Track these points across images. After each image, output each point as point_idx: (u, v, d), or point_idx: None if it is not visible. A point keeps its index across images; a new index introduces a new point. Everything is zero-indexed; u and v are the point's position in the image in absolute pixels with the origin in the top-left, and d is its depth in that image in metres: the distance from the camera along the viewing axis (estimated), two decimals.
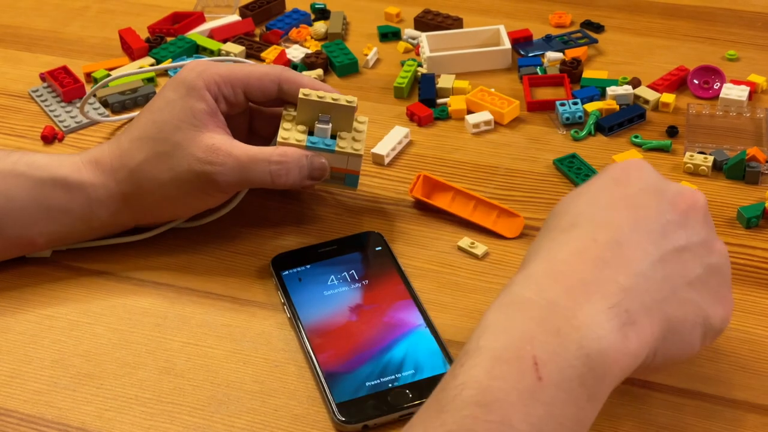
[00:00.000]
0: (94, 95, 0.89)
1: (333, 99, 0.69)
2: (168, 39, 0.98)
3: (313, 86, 0.70)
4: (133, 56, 0.96)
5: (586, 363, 0.47)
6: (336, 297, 0.67)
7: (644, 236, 0.51)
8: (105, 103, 0.89)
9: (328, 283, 0.68)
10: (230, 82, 0.69)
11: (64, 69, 0.92)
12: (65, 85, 0.89)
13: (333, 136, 0.70)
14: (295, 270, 0.68)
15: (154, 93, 0.89)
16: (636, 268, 0.50)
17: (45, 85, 0.92)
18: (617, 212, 0.52)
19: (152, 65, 0.94)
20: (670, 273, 0.51)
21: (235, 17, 1.02)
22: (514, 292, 0.50)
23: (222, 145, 0.67)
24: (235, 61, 0.80)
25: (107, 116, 0.87)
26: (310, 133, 0.70)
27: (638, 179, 0.54)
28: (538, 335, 0.47)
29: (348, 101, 0.69)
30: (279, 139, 0.69)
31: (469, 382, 0.46)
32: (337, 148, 0.70)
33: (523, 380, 0.45)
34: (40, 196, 0.68)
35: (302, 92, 0.69)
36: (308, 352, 0.62)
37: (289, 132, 0.70)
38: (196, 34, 0.98)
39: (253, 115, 0.75)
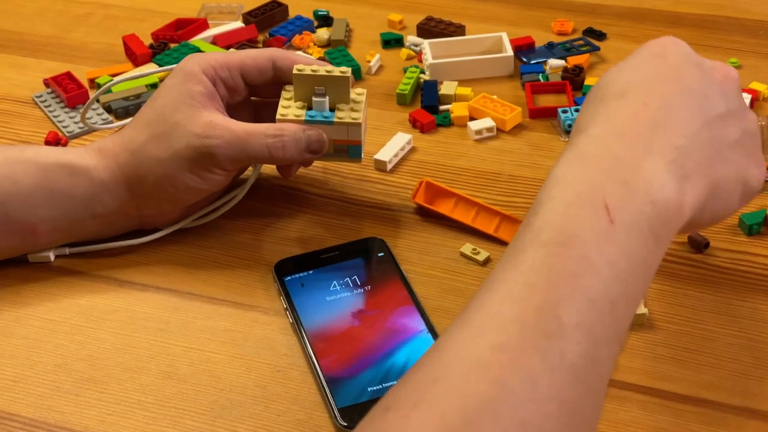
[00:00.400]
0: (98, 100, 0.89)
1: (327, 71, 0.70)
2: (171, 45, 0.98)
3: (306, 63, 0.71)
4: (137, 62, 0.96)
5: (653, 209, 0.50)
6: (338, 302, 0.67)
7: (690, 102, 0.55)
8: (108, 109, 0.89)
9: (331, 288, 0.68)
10: (226, 66, 0.71)
11: (68, 75, 0.92)
12: (69, 91, 0.89)
13: (332, 110, 0.71)
14: (297, 275, 0.69)
15: None
16: (686, 131, 0.54)
17: (49, 90, 0.92)
18: (663, 81, 0.55)
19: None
20: (715, 135, 0.55)
21: (239, 24, 1.02)
22: (580, 150, 0.52)
23: (220, 121, 0.68)
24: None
25: (110, 122, 0.88)
26: (310, 108, 0.71)
27: (676, 53, 0.57)
28: (607, 184, 0.50)
29: (342, 72, 0.70)
30: (278, 116, 0.70)
31: (545, 225, 0.49)
32: (335, 119, 0.70)
33: (597, 222, 0.48)
34: (45, 180, 0.69)
35: (296, 68, 0.70)
36: (311, 357, 0.62)
37: (288, 109, 0.71)
38: (200, 40, 0.98)
39: (257, 109, 0.76)
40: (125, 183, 0.70)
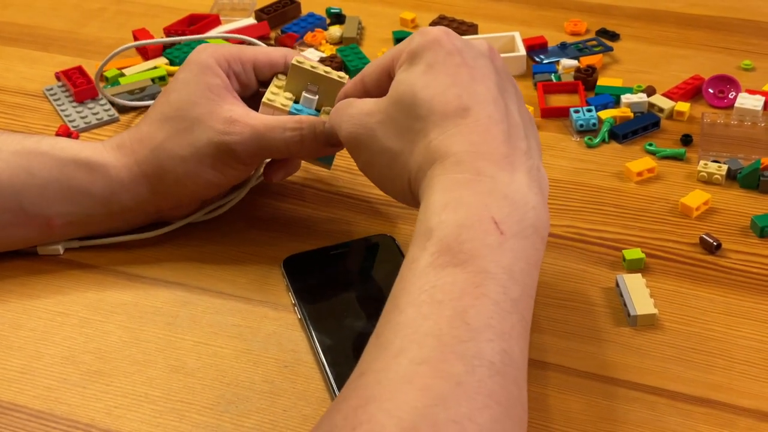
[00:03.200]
0: (104, 95, 0.89)
1: (324, 71, 0.70)
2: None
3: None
4: (147, 56, 0.96)
5: (532, 214, 0.54)
6: (347, 299, 0.66)
7: (501, 95, 0.58)
8: (113, 103, 0.89)
9: (340, 285, 0.68)
10: (239, 60, 0.71)
11: (79, 69, 0.92)
12: (78, 85, 0.89)
13: (317, 110, 0.70)
14: (306, 271, 0.68)
15: (160, 92, 0.90)
16: (521, 132, 0.57)
17: (59, 84, 0.92)
18: (480, 84, 0.58)
19: (166, 65, 0.94)
20: (522, 112, 0.59)
21: (251, 20, 1.02)
22: (456, 177, 0.55)
23: (240, 116, 0.68)
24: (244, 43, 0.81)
25: (116, 117, 0.88)
26: (297, 102, 0.70)
27: (459, 47, 0.59)
28: (490, 203, 0.53)
29: (339, 76, 0.70)
30: (264, 99, 0.70)
31: (442, 250, 0.52)
32: None
33: (489, 237, 0.52)
34: (61, 175, 0.69)
35: (296, 59, 0.70)
36: (318, 354, 0.62)
37: (276, 96, 0.70)
38: (219, 39, 0.98)
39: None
40: (145, 181, 0.70)
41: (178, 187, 0.70)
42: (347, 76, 0.70)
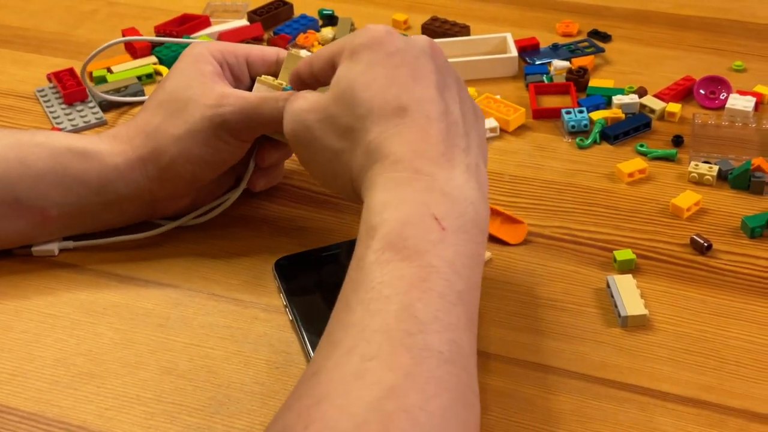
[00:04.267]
0: (94, 97, 0.89)
1: None
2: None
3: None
4: (136, 55, 0.96)
5: (471, 209, 0.56)
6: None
7: (441, 91, 0.59)
8: (100, 101, 0.89)
9: (331, 286, 0.68)
10: (233, 53, 0.72)
11: (70, 71, 0.92)
12: (68, 88, 0.89)
13: None
14: (298, 273, 0.69)
15: (142, 91, 0.91)
16: (460, 130, 0.59)
17: (51, 85, 0.92)
18: (418, 83, 0.59)
19: (155, 64, 0.95)
20: (465, 108, 0.61)
21: (244, 22, 1.02)
22: (395, 177, 0.56)
23: (232, 92, 0.69)
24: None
25: (103, 119, 0.88)
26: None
27: (401, 47, 0.60)
28: (430, 200, 0.55)
29: None
30: (259, 78, 0.70)
31: (386, 247, 0.53)
32: None
33: (431, 233, 0.53)
34: (56, 164, 0.69)
35: (293, 50, 0.71)
36: (309, 355, 0.62)
37: (267, 80, 0.71)
38: (205, 36, 0.99)
39: None
40: (140, 165, 0.70)
41: (173, 168, 0.70)
42: None
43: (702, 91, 0.88)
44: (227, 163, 0.71)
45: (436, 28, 0.99)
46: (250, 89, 0.73)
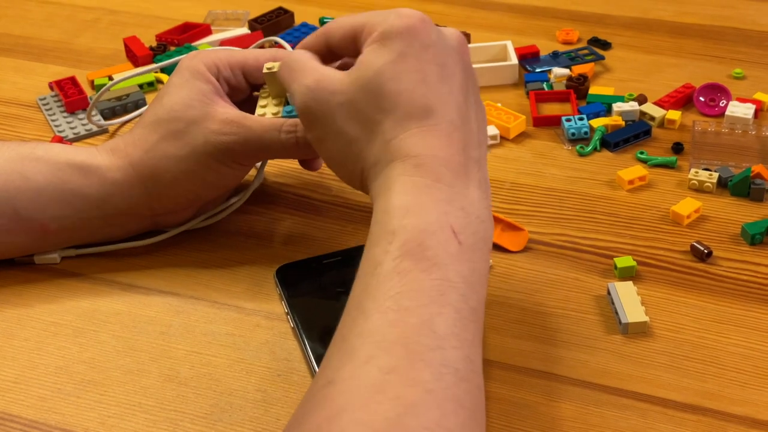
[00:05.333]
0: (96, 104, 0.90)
1: None
2: (171, 47, 0.99)
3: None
4: (137, 63, 0.97)
5: (483, 228, 0.56)
6: (340, 308, 0.66)
7: (463, 96, 0.59)
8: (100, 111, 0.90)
9: (333, 293, 0.68)
10: (228, 64, 0.71)
11: (72, 80, 0.92)
12: (69, 96, 0.90)
13: None
14: (299, 280, 0.69)
15: (143, 99, 0.90)
16: (475, 139, 0.58)
17: (53, 94, 0.92)
18: (444, 84, 0.58)
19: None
20: (479, 116, 0.60)
21: (245, 30, 1.02)
22: (414, 182, 0.55)
23: (235, 117, 0.69)
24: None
25: (102, 127, 0.88)
26: (287, 104, 0.71)
27: (433, 39, 0.59)
28: (450, 212, 0.55)
29: None
30: (255, 115, 0.70)
31: (405, 254, 0.52)
32: None
33: (449, 245, 0.53)
34: (56, 179, 0.69)
35: (266, 66, 0.69)
36: (311, 362, 0.62)
37: (265, 108, 0.70)
38: (206, 44, 0.99)
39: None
40: (139, 182, 0.70)
41: (174, 187, 0.70)
42: None
43: (702, 99, 0.88)
44: (229, 185, 0.72)
45: None
46: (250, 97, 0.74)
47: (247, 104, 0.74)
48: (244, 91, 0.73)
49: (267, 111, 0.70)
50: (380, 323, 0.50)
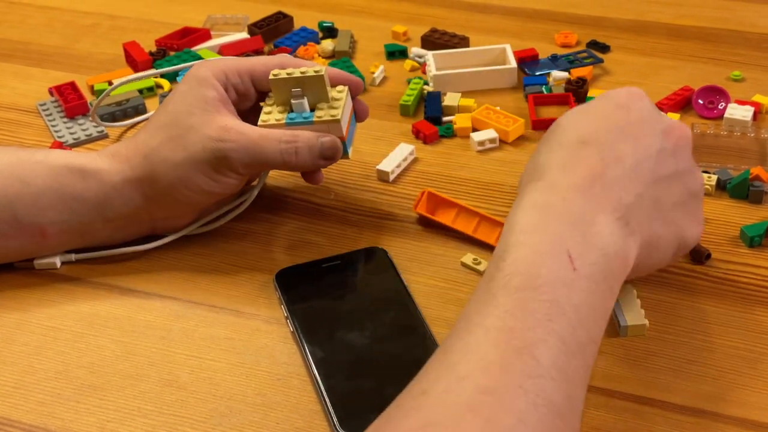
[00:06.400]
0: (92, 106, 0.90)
1: (301, 72, 0.70)
2: (171, 53, 0.99)
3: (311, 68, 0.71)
4: (137, 69, 0.97)
5: (606, 261, 0.54)
6: (339, 311, 0.67)
7: (643, 162, 0.58)
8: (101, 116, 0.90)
9: (332, 297, 0.68)
10: (237, 71, 0.72)
11: (72, 85, 0.93)
12: (69, 101, 0.90)
13: (312, 110, 0.71)
14: (298, 284, 0.69)
15: (143, 104, 0.90)
16: (635, 189, 0.57)
17: (53, 99, 0.93)
18: (623, 137, 0.59)
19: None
20: (660, 196, 0.59)
21: (244, 35, 1.02)
22: (544, 200, 0.56)
23: (234, 125, 0.69)
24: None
25: (104, 132, 0.88)
26: (291, 112, 0.71)
27: (640, 108, 0.61)
28: (568, 235, 0.54)
29: (315, 71, 0.70)
30: (259, 122, 0.70)
31: (516, 271, 0.52)
32: (315, 119, 0.70)
33: (562, 270, 0.52)
34: (55, 183, 0.69)
35: (272, 74, 0.70)
36: (310, 366, 0.62)
37: (269, 114, 0.71)
38: (206, 49, 0.99)
39: None
40: (138, 186, 0.70)
41: (170, 193, 0.70)
42: (323, 68, 0.70)
43: (701, 101, 0.88)
44: (225, 194, 0.72)
45: (435, 40, 0.99)
46: (257, 105, 0.74)
47: (255, 111, 0.74)
48: (252, 98, 0.73)
49: (270, 117, 0.70)
50: (482, 340, 0.49)
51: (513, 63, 0.93)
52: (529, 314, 0.50)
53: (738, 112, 0.85)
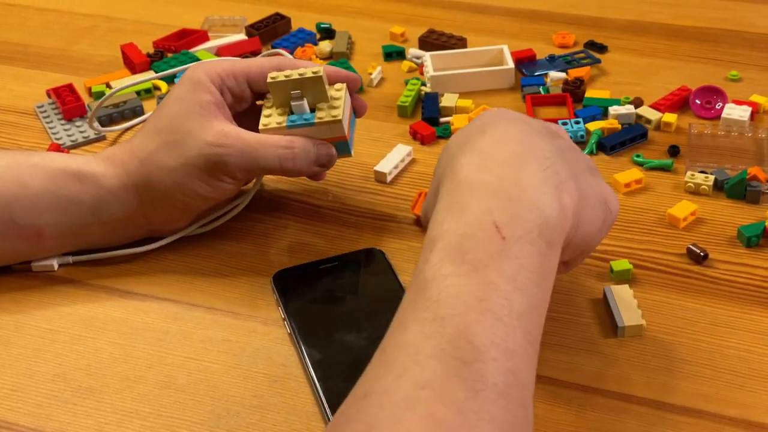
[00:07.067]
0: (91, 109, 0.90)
1: (299, 74, 0.70)
2: (168, 54, 0.99)
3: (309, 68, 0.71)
4: (135, 70, 0.97)
5: (539, 215, 0.52)
6: (336, 313, 0.67)
7: (541, 135, 0.58)
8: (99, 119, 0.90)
9: (329, 299, 0.68)
10: (233, 74, 0.72)
11: (69, 87, 0.93)
12: (67, 103, 0.90)
13: (312, 110, 0.71)
14: (296, 286, 0.69)
15: (141, 106, 0.90)
16: (548, 151, 0.56)
17: (50, 101, 0.93)
18: (513, 125, 0.58)
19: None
20: (569, 159, 0.57)
21: (242, 36, 1.02)
22: (459, 179, 0.54)
23: (231, 131, 0.69)
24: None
25: (102, 134, 0.88)
26: (291, 114, 0.71)
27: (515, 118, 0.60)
28: (493, 205, 0.52)
29: (314, 72, 0.70)
30: (260, 126, 0.70)
31: (444, 259, 0.51)
32: (315, 120, 0.70)
33: (490, 244, 0.51)
34: (52, 185, 0.69)
35: (269, 76, 0.70)
36: (308, 368, 0.62)
37: (269, 117, 0.71)
38: (203, 51, 0.99)
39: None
40: (134, 190, 0.70)
41: (167, 197, 0.70)
42: (322, 68, 0.70)
43: (698, 101, 0.88)
44: (221, 198, 0.72)
45: (433, 41, 0.99)
46: (253, 106, 0.74)
47: (252, 113, 0.74)
48: (248, 100, 0.73)
49: (271, 121, 0.70)
50: (417, 334, 0.49)
51: (510, 64, 0.93)
52: (460, 299, 0.49)
53: (735, 112, 0.85)
